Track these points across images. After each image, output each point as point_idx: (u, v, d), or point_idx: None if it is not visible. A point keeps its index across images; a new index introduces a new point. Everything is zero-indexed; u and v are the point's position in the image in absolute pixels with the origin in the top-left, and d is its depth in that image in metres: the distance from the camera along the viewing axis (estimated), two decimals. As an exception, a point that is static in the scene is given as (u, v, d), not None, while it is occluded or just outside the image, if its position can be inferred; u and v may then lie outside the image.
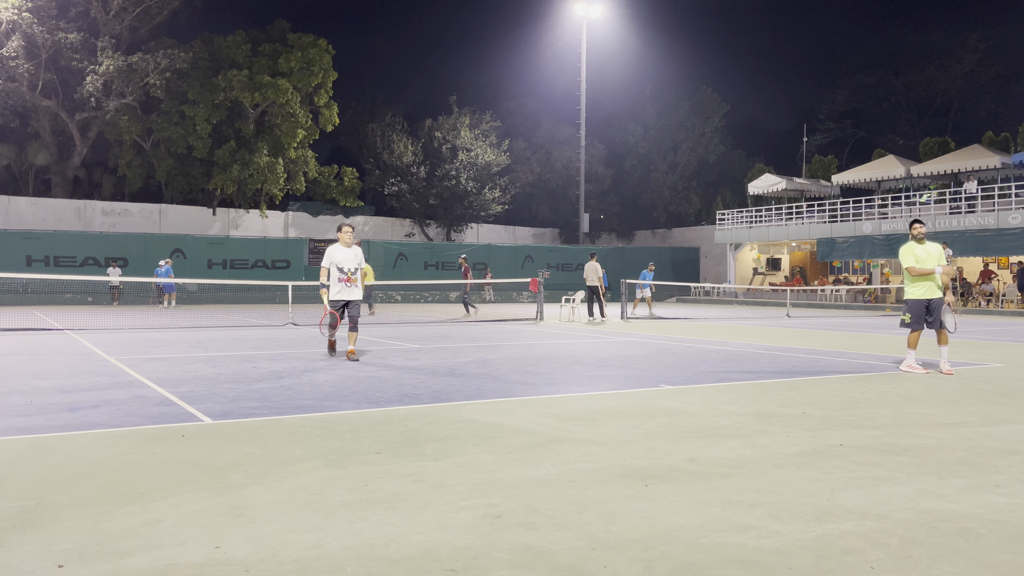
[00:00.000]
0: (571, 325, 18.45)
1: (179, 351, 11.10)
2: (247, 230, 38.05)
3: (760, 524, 3.46)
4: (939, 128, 52.91)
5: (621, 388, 7.68)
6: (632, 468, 4.45)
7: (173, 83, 34.28)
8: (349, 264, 10.04)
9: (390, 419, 5.92)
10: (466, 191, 41.64)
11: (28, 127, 36.06)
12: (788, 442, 5.18)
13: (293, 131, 36.57)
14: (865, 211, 34.34)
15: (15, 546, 3.12)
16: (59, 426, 5.55)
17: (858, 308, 30.67)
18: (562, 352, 11.41)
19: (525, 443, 5.09)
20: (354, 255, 10.11)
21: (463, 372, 8.83)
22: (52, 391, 7.16)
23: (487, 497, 3.85)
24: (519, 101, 49.46)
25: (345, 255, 10.06)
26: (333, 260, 10.04)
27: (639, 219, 48.38)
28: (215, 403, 6.56)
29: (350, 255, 10.09)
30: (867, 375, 8.86)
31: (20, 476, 4.19)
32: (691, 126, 47.27)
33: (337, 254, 10.05)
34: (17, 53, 31.42)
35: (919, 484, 4.15)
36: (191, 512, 3.58)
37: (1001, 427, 5.76)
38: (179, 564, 2.94)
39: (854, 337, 14.96)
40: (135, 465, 4.45)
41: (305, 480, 4.15)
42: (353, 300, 10.17)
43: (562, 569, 2.93)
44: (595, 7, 40.85)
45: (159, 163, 36.38)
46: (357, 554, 3.07)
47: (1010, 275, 30.11)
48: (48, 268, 30.23)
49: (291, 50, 36.45)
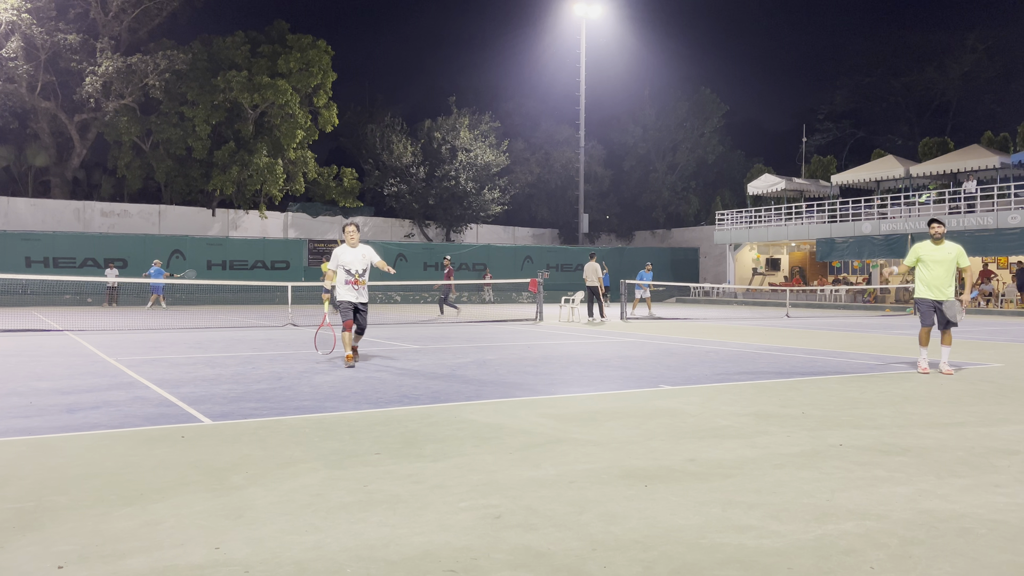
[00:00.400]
0: (571, 326, 18.45)
1: (179, 352, 11.10)
2: (246, 231, 38.05)
3: (760, 524, 3.46)
4: (938, 128, 52.96)
5: (621, 388, 7.68)
6: (632, 469, 4.45)
7: (172, 84, 34.28)
8: (357, 265, 9.53)
9: (390, 420, 5.92)
10: (465, 192, 41.64)
11: (27, 128, 36.06)
12: (788, 442, 5.18)
13: (292, 132, 36.57)
14: (864, 211, 34.36)
15: (14, 547, 3.12)
16: (59, 427, 5.55)
17: (857, 308, 30.68)
18: (562, 352, 11.41)
19: (525, 444, 5.09)
20: (362, 255, 9.58)
21: (463, 373, 8.83)
22: (52, 392, 7.16)
23: (487, 498, 3.85)
24: (518, 102, 49.50)
25: (352, 256, 9.54)
26: (340, 262, 9.53)
27: (638, 219, 48.40)
28: (215, 404, 6.56)
29: (357, 255, 9.56)
30: (866, 375, 8.86)
31: (19, 477, 4.19)
32: (690, 126, 47.30)
33: (344, 255, 9.53)
34: (16, 54, 31.42)
35: (919, 484, 4.15)
36: (191, 513, 3.58)
37: (1001, 427, 5.76)
38: (179, 565, 2.94)
39: (853, 337, 14.97)
40: (135, 466, 4.45)
41: (305, 481, 4.15)
42: (362, 305, 9.65)
43: (562, 570, 2.93)
44: (594, 8, 40.87)
45: (158, 164, 36.39)
46: (357, 555, 3.07)
47: (1009, 275, 30.12)
48: (47, 269, 30.23)
49: (290, 51, 36.46)
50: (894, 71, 56.49)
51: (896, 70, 56.43)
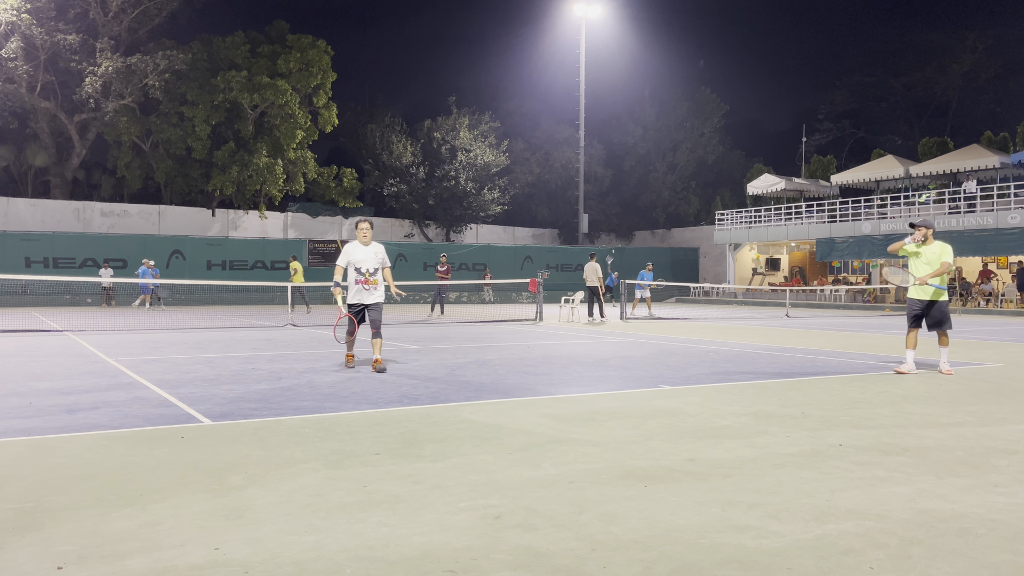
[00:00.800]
0: (570, 326, 18.45)
1: (178, 352, 11.10)
2: (246, 231, 38.05)
3: (759, 524, 3.46)
4: (938, 128, 52.94)
5: (620, 388, 7.68)
6: (631, 469, 4.45)
7: (172, 84, 34.27)
8: (368, 264, 9.11)
9: (389, 420, 5.92)
10: (465, 192, 41.64)
11: (27, 128, 36.06)
12: (787, 442, 5.18)
13: (292, 132, 36.56)
14: (864, 211, 34.36)
15: (14, 548, 3.12)
16: (58, 428, 5.55)
17: (857, 308, 30.68)
18: (561, 353, 11.41)
19: (524, 444, 5.09)
20: (374, 253, 9.18)
21: (462, 373, 8.83)
22: (51, 392, 7.15)
23: (486, 498, 3.85)
24: (518, 102, 49.49)
25: (364, 254, 9.14)
26: (350, 259, 9.13)
27: (638, 219, 48.40)
28: (214, 404, 6.56)
29: (369, 253, 9.16)
30: (866, 375, 8.86)
31: (19, 478, 4.19)
32: (690, 126, 47.30)
33: (355, 252, 9.14)
34: (16, 54, 31.41)
35: (918, 484, 4.15)
36: (190, 514, 3.58)
37: (1000, 427, 5.76)
38: (178, 566, 2.94)
39: (853, 337, 14.97)
40: (134, 466, 4.45)
41: (304, 481, 4.15)
42: (374, 304, 9.19)
43: (561, 570, 2.93)
44: (594, 7, 40.87)
45: (158, 164, 36.38)
46: (356, 555, 3.07)
47: (1009, 275, 30.12)
48: (47, 269, 30.22)
49: (290, 51, 36.45)
50: (894, 71, 56.54)
51: (896, 70, 56.48)
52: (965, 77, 54.42)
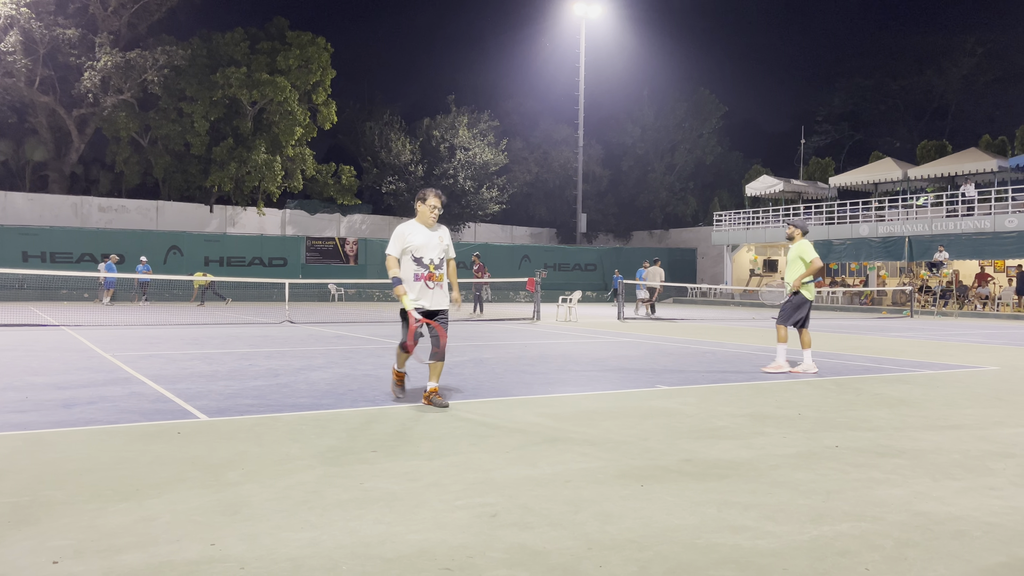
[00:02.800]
0: (568, 325, 18.45)
1: (175, 348, 11.09)
2: (244, 227, 38.01)
3: (755, 525, 3.47)
4: (936, 131, 52.97)
5: (617, 388, 7.69)
6: (628, 468, 4.46)
7: (171, 80, 34.22)
8: (433, 252, 6.39)
9: (386, 418, 5.92)
10: (464, 190, 41.64)
11: (25, 123, 35.99)
12: (784, 443, 5.18)
13: (291, 129, 36.52)
14: (862, 213, 34.39)
15: (10, 542, 3.12)
16: (55, 422, 5.54)
17: (854, 310, 30.71)
18: (559, 352, 11.41)
19: (521, 443, 5.09)
20: (439, 239, 6.45)
21: (459, 371, 8.83)
22: (48, 387, 7.15)
23: (483, 496, 3.85)
24: (517, 101, 49.49)
25: (426, 237, 6.38)
26: (407, 244, 6.35)
27: (636, 220, 48.42)
28: (211, 400, 6.55)
29: (434, 239, 6.42)
30: (863, 377, 8.87)
31: (15, 472, 4.18)
32: (689, 127, 47.32)
33: (415, 236, 6.36)
34: (15, 49, 31.34)
35: (914, 486, 4.16)
36: (187, 509, 3.58)
37: (996, 430, 5.77)
38: (174, 561, 2.94)
39: (850, 339, 14.98)
40: (131, 462, 4.44)
41: (301, 478, 4.15)
42: (440, 310, 6.48)
43: (557, 569, 2.93)
44: (593, 7, 40.88)
45: (156, 160, 36.33)
46: (352, 552, 3.07)
47: (1006, 279, 30.17)
48: (44, 264, 30.18)
49: (290, 48, 36.40)
50: (893, 74, 56.55)
51: (895, 73, 56.50)
52: (964, 80, 54.47)
